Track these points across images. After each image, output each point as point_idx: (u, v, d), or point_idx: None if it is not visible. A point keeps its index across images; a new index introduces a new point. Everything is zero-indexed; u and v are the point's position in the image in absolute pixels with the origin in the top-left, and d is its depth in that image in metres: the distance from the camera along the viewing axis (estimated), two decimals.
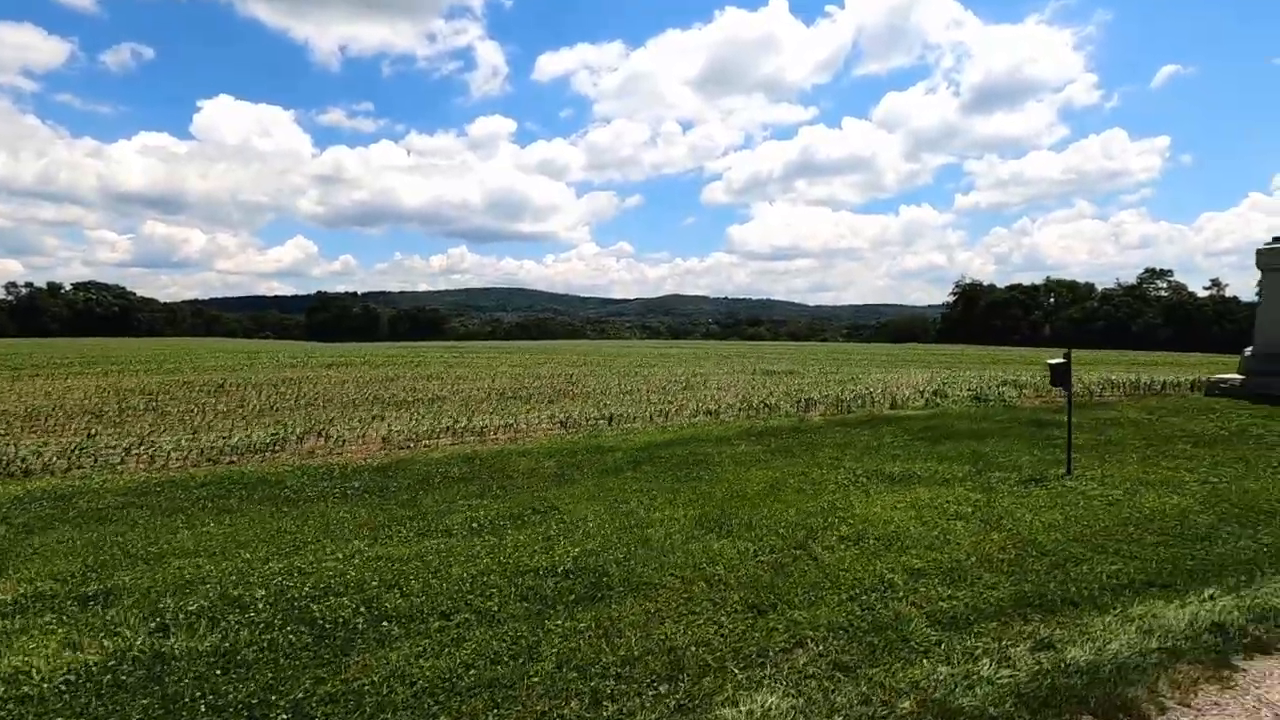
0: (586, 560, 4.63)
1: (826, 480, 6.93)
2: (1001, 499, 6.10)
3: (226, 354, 32.38)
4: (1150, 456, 7.68)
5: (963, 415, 10.82)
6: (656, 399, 13.63)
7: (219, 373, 19.84)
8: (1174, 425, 9.37)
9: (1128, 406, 11.11)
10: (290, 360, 26.41)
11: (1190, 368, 37.54)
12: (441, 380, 17.74)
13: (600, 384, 16.74)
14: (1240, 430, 8.77)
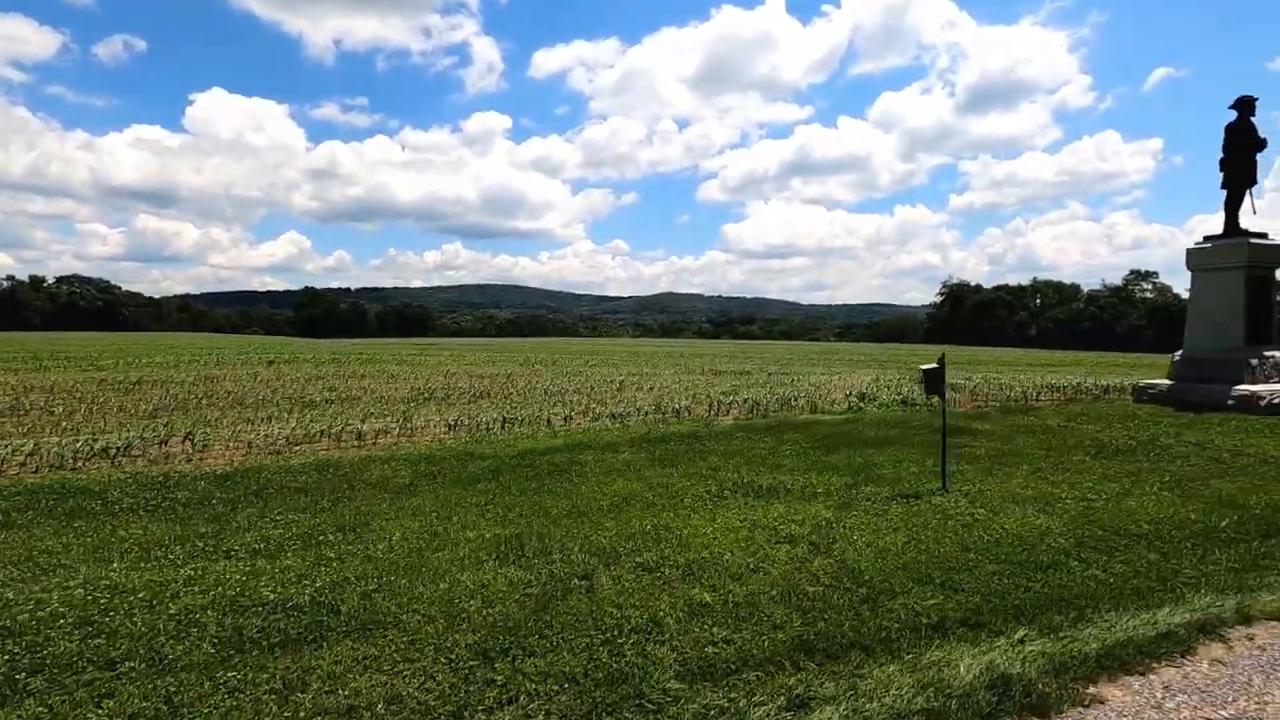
0: (328, 593, 4.09)
1: (684, 493, 6.42)
2: (853, 517, 5.58)
3: (181, 350, 31.74)
4: (1042, 469, 7.17)
5: (878, 421, 10.31)
6: (579, 400, 13.10)
7: (150, 369, 19.24)
8: (1085, 434, 8.86)
9: (1051, 413, 10.60)
10: (239, 357, 25.80)
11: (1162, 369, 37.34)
12: (373, 379, 17.17)
13: (534, 384, 16.20)
14: (1149, 440, 8.26)
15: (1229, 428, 8.79)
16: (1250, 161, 10.30)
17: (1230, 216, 10.52)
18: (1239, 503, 5.93)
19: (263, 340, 63.41)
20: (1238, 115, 10.41)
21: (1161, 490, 6.31)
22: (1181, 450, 7.79)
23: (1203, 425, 9.00)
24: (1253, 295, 10.08)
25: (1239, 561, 4.77)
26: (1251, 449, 7.75)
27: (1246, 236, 10.19)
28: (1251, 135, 10.21)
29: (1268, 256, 10.36)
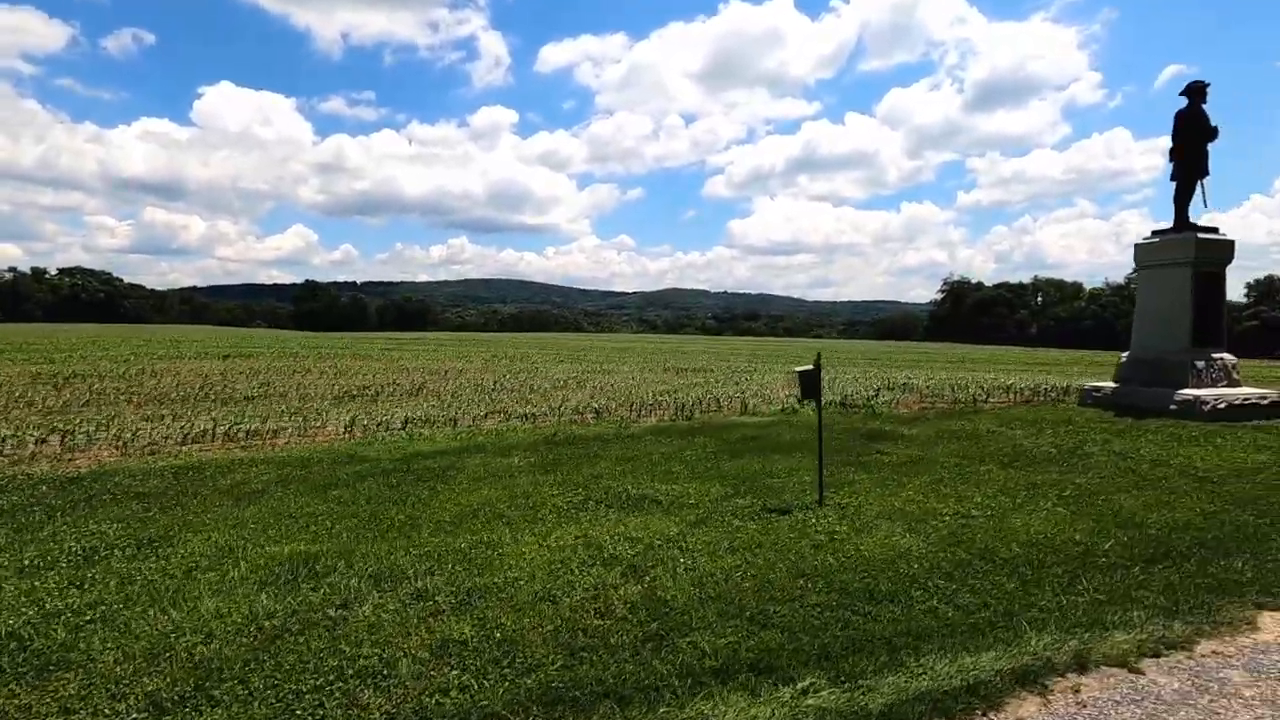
0: (36, 623, 3.63)
1: (545, 504, 5.94)
2: (700, 535, 5.08)
3: (156, 343, 31.46)
4: (943, 480, 6.64)
5: (801, 425, 9.78)
6: (509, 398, 12.62)
7: (102, 362, 18.88)
8: (1010, 440, 8.31)
9: (990, 417, 10.03)
10: (206, 350, 25.46)
11: None
12: (319, 375, 16.74)
13: (479, 381, 15.73)
14: (1072, 448, 7.70)
15: (1162, 435, 8.21)
16: (1201, 151, 9.66)
17: (1180, 210, 9.89)
18: (1136, 521, 5.40)
19: (248, 333, 63.11)
20: (1189, 102, 9.76)
21: (1057, 505, 5.78)
22: (1101, 459, 7.23)
23: (1136, 432, 8.43)
24: (1200, 294, 9.46)
25: (1108, 591, 4.25)
26: (1177, 459, 7.19)
27: (1195, 231, 9.56)
28: (1203, 123, 9.58)
29: (1216, 253, 9.74)
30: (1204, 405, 8.80)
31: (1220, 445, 7.74)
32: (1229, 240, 9.69)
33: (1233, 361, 9.61)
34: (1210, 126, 9.58)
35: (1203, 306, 9.45)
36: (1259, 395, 9.26)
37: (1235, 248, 9.71)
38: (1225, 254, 9.67)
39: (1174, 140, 9.79)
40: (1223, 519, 5.50)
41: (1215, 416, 8.75)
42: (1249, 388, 9.58)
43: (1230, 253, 9.69)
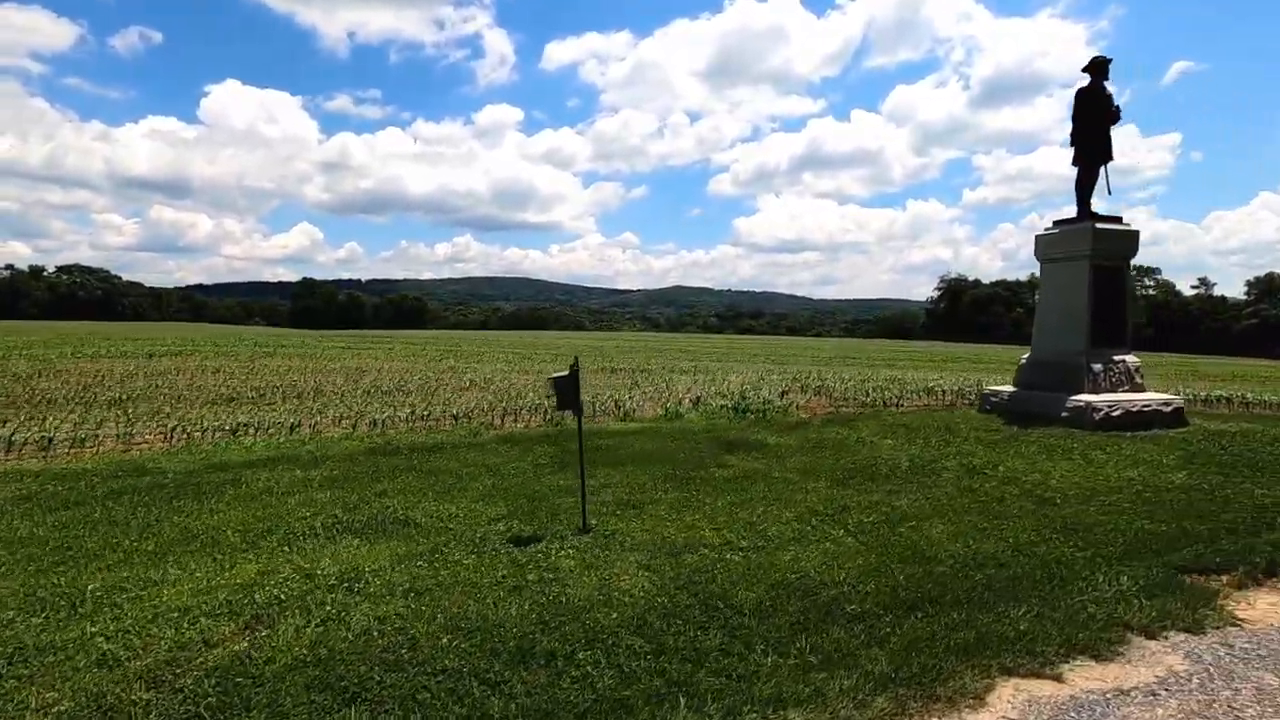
0: None
1: (282, 528, 5.24)
2: (406, 570, 4.35)
3: (119, 341, 30.98)
4: (753, 500, 5.87)
5: (672, 433, 9.02)
6: (393, 400, 11.90)
7: (38, 363, 18.30)
8: (873, 451, 7.51)
9: (873, 423, 9.20)
10: (134, 350, 24.89)
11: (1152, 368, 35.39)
12: (222, 375, 16.07)
13: (387, 383, 15.02)
14: (928, 463, 6.90)
15: (1036, 447, 7.40)
16: (1104, 134, 8.78)
17: (1082, 198, 9.00)
18: (930, 554, 4.62)
19: (219, 330, 62.57)
20: (1090, 79, 8.86)
21: (851, 534, 5.00)
22: (949, 476, 6.43)
23: (1011, 444, 7.61)
24: (1100, 290, 8.57)
25: (828, 651, 3.48)
26: (1033, 477, 6.38)
27: (1093, 221, 8.69)
28: (1105, 103, 8.72)
29: (1118, 245, 8.86)
30: (1095, 413, 7.95)
31: (1094, 459, 6.92)
32: (1131, 231, 8.80)
33: (1135, 364, 8.74)
34: (1113, 107, 8.71)
35: (1102, 303, 8.58)
36: (1161, 401, 8.40)
37: (1139, 240, 8.80)
38: (1127, 247, 8.78)
39: (1074, 122, 8.90)
40: (1036, 552, 4.72)
41: (1107, 425, 7.92)
42: (1154, 393, 8.72)
43: (1133, 245, 8.80)
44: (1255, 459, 7.01)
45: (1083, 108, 8.78)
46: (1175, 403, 8.50)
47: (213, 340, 34.23)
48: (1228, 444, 7.59)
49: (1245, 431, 8.38)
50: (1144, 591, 4.18)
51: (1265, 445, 7.61)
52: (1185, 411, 8.61)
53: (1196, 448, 7.37)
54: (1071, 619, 3.83)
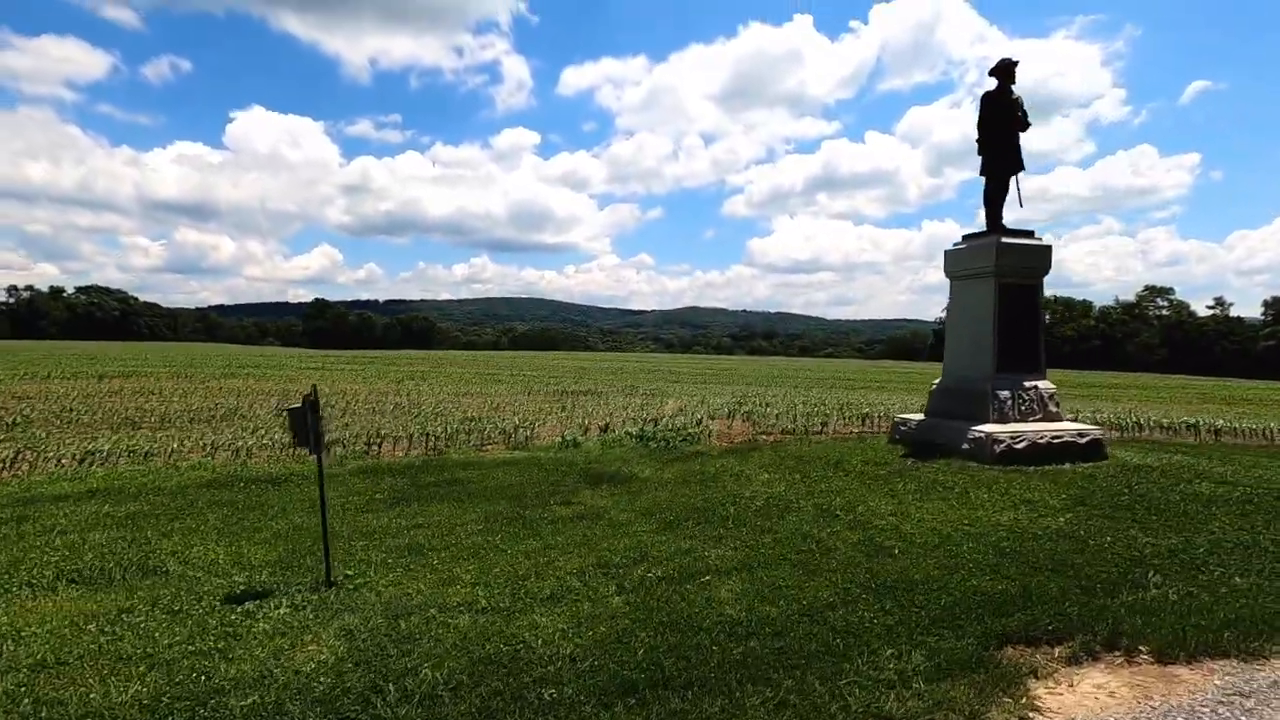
0: None
1: (9, 576, 4.66)
2: (87, 631, 3.76)
3: (106, 360, 30.98)
4: (556, 546, 5.21)
5: (547, 464, 8.39)
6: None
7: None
8: (738, 487, 6.80)
9: (769, 454, 8.47)
10: (91, 372, 24.74)
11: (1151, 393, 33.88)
12: (142, 396, 15.68)
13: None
14: (783, 503, 6.16)
15: (915, 485, 6.63)
16: (1013, 142, 8.08)
17: (992, 211, 8.25)
18: (697, 620, 3.94)
19: (218, 349, 62.49)
20: (998, 84, 8.17)
21: (621, 594, 4.32)
22: (794, 519, 5.69)
23: (892, 480, 6.85)
24: (1008, 310, 7.79)
25: None
26: (887, 521, 5.63)
27: (999, 234, 7.95)
28: (1013, 109, 8.04)
29: (1028, 261, 8.06)
30: (996, 445, 7.18)
31: (974, 500, 6.17)
32: (1042, 246, 8.02)
33: (1050, 391, 7.94)
34: (1022, 113, 8.04)
35: (1011, 324, 7.81)
36: (1076, 433, 7.59)
37: (1051, 255, 8.01)
38: (1038, 262, 8.00)
39: (980, 130, 8.22)
40: (829, 617, 4.01)
41: (1009, 459, 7.14)
42: (1069, 423, 7.90)
43: (1045, 261, 8.02)
44: (1160, 500, 6.22)
45: (989, 114, 8.09)
46: (1092, 434, 7.67)
47: (187, 359, 34.07)
48: (1138, 482, 6.79)
49: (1169, 466, 7.56)
50: (935, 671, 3.47)
51: (1181, 483, 6.80)
52: (1105, 443, 7.78)
53: (1097, 486, 6.58)
54: (818, 710, 3.13)
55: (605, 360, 62.56)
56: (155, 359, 35.23)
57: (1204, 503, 6.21)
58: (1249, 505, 6.18)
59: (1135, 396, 38.27)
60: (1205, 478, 7.10)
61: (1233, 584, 4.57)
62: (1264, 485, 6.89)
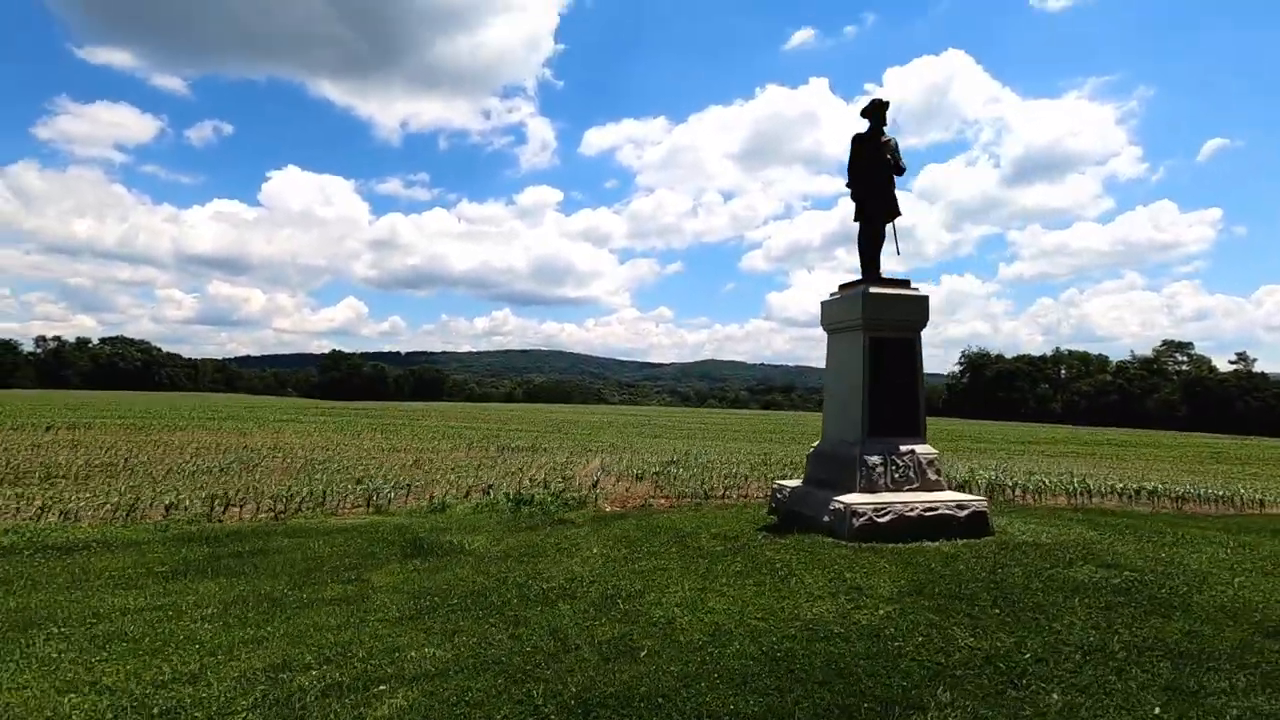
0: None
1: None
2: None
3: (87, 409, 31.05)
4: (272, 637, 4.48)
5: (384, 531, 7.67)
6: (213, 481, 10.81)
7: None
8: (559, 566, 5.99)
9: (633, 521, 7.65)
10: (46, 422, 24.62)
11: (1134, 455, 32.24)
12: (87, 450, 15.30)
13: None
14: (571, 589, 5.37)
15: (746, 565, 5.76)
16: (886, 186, 7.45)
17: (867, 259, 7.52)
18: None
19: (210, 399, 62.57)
20: (870, 125, 7.60)
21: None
22: (563, 609, 4.91)
23: (725, 559, 5.98)
24: (880, 366, 7.00)
25: None
26: (665, 614, 4.79)
27: (868, 283, 7.23)
28: (887, 152, 7.43)
29: (902, 312, 7.17)
30: (856, 518, 6.30)
31: (798, 586, 5.30)
32: (917, 296, 7.26)
33: (929, 457, 7.05)
34: (894, 156, 7.42)
35: (885, 382, 7.02)
36: (954, 504, 6.67)
37: (928, 306, 7.21)
38: (912, 315, 7.22)
39: (850, 174, 7.60)
40: None
41: (869, 534, 6.27)
42: (949, 493, 6.96)
43: (921, 312, 7.24)
44: (1017, 589, 5.32)
45: (860, 157, 7.49)
46: (974, 506, 6.76)
47: (149, 410, 33.89)
48: (1004, 564, 5.88)
49: (1059, 544, 6.62)
50: None
51: (1058, 567, 5.88)
52: (989, 515, 6.85)
53: (951, 569, 5.69)
54: None
55: (596, 413, 61.62)
56: (126, 408, 35.20)
57: (1069, 592, 5.30)
58: (1122, 596, 5.26)
59: (1144, 455, 36.48)
60: (1093, 560, 6.17)
61: (1044, 703, 3.70)
62: (1160, 571, 5.96)
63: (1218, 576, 5.92)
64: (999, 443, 42.92)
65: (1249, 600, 5.29)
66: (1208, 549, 7.07)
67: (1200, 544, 7.37)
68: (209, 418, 28.71)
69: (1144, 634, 4.62)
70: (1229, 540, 7.91)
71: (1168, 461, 32.13)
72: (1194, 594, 5.41)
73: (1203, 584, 5.67)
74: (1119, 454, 36.72)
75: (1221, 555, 6.79)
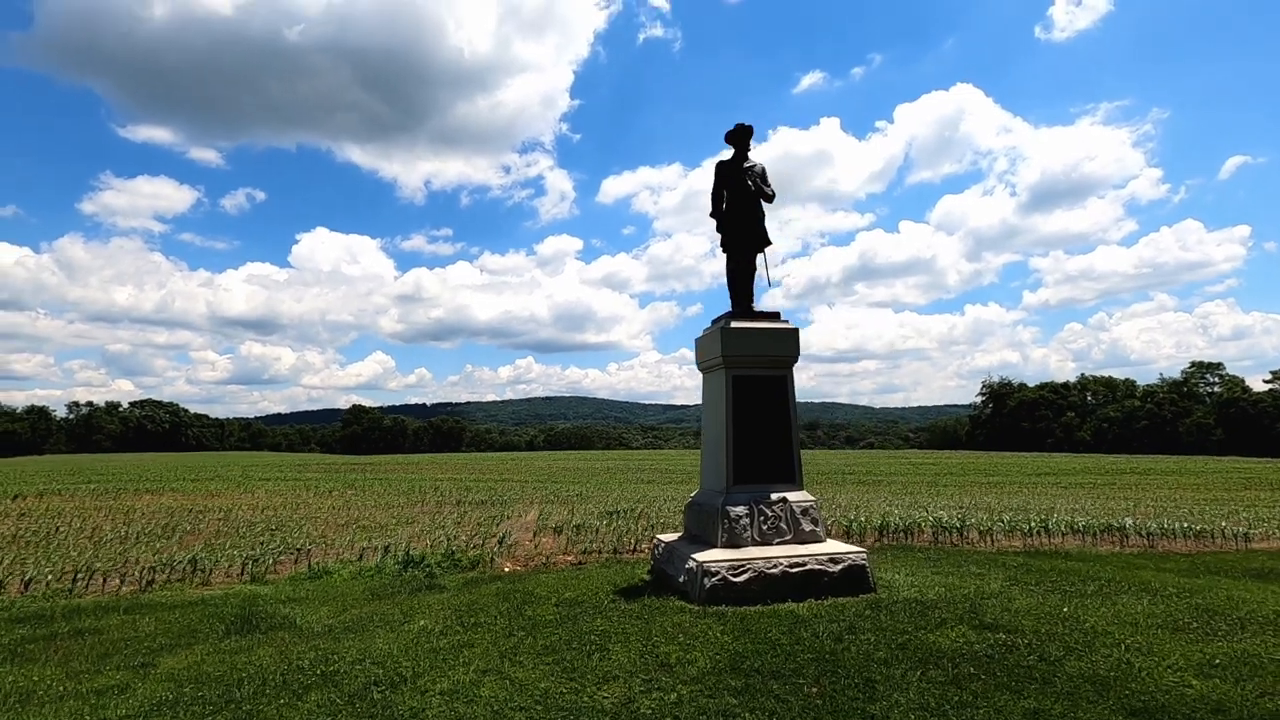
0: None
1: None
2: None
3: (84, 472, 31.29)
4: None
5: (230, 603, 7.16)
6: (113, 552, 10.45)
7: None
8: (367, 640, 5.42)
9: (487, 586, 7.02)
10: (13, 491, 24.69)
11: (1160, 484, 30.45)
12: (20, 518, 15.11)
13: (187, 524, 13.67)
14: (349, 672, 4.78)
15: (568, 635, 5.08)
16: (755, 214, 6.92)
17: (736, 292, 6.92)
18: None
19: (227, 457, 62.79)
20: (733, 151, 7.13)
21: None
22: (310, 699, 4.31)
23: (558, 629, 5.31)
24: (747, 407, 6.36)
25: None
26: (415, 701, 4.21)
27: (732, 317, 6.62)
28: (751, 178, 6.91)
29: (767, 348, 6.44)
30: (708, 578, 5.60)
31: (600, 662, 4.61)
32: (784, 330, 6.59)
33: (804, 505, 6.28)
34: (755, 183, 6.89)
35: (751, 424, 6.36)
36: (827, 558, 5.90)
37: (798, 341, 6.56)
38: (781, 350, 6.55)
39: (715, 202, 7.11)
40: None
41: (723, 595, 5.55)
42: (830, 545, 6.20)
43: (790, 347, 6.58)
44: (857, 662, 4.61)
45: (724, 185, 7.04)
46: (850, 559, 6.00)
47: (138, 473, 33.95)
48: (861, 627, 5.15)
49: (945, 599, 5.86)
50: None
51: (923, 630, 5.15)
52: (868, 569, 6.08)
53: (795, 637, 4.98)
54: None
55: (602, 458, 60.41)
56: (114, 472, 35.37)
57: (917, 663, 4.58)
58: (979, 666, 4.52)
59: (1169, 483, 34.54)
60: (971, 619, 5.42)
61: None
62: (1044, 631, 5.19)
63: (1112, 636, 5.13)
64: (1013, 475, 41.05)
65: (1130, 667, 4.52)
66: (1125, 599, 6.25)
67: (1124, 593, 6.54)
68: (193, 479, 28.65)
69: (978, 717, 3.91)
70: (1173, 585, 7.04)
71: (1192, 490, 30.29)
72: (1068, 660, 4.65)
73: (1089, 647, 4.90)
74: (1141, 483, 34.78)
75: (1138, 608, 5.97)
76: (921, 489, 28.31)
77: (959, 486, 30.22)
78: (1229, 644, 4.93)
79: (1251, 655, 4.68)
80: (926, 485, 30.91)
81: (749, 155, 7.16)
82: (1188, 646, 4.88)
